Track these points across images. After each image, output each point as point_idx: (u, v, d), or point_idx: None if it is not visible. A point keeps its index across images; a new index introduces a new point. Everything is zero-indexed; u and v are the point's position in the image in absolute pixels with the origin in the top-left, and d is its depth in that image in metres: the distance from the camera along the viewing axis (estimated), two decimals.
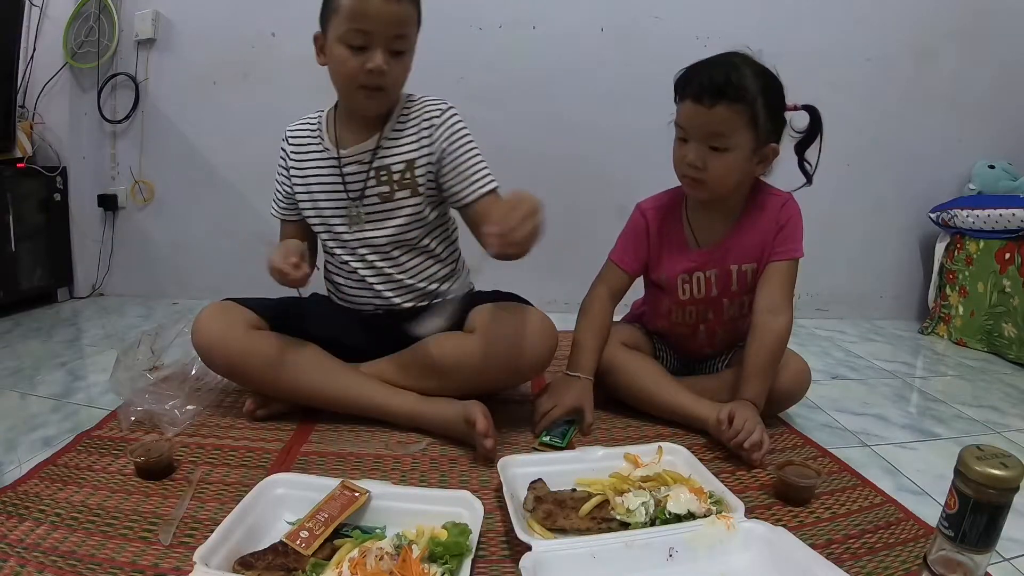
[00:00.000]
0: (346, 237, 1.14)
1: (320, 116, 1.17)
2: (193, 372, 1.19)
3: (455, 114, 1.12)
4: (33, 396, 1.26)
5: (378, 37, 0.98)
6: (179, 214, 2.20)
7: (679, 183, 1.18)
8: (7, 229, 1.89)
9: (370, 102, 1.06)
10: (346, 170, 1.11)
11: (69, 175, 2.13)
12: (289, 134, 1.18)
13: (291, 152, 1.17)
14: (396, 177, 1.10)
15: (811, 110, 1.10)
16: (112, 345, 1.63)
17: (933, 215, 2.08)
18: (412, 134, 1.10)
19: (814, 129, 1.11)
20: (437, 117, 1.10)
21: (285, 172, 1.18)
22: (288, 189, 1.18)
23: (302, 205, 1.17)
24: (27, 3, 1.95)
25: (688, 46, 2.05)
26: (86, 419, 1.13)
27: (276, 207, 1.22)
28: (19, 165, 1.94)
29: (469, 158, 1.09)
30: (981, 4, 2.07)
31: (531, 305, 1.14)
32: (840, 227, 2.09)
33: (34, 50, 2.04)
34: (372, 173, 1.10)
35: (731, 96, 1.00)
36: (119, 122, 2.14)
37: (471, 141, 1.11)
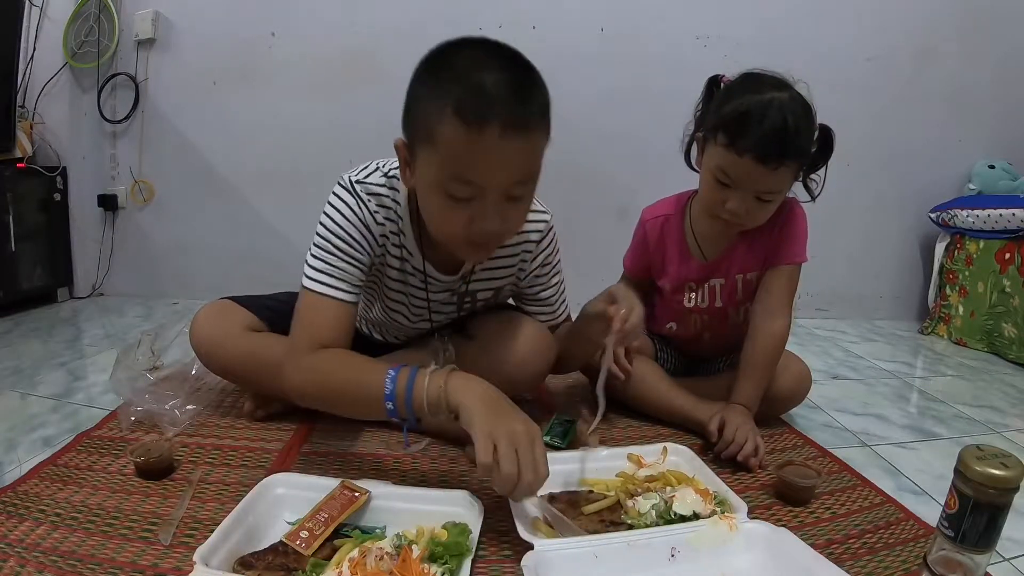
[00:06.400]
0: (410, 327, 1.09)
1: (398, 207, 0.91)
2: (193, 372, 1.18)
3: (553, 235, 1.03)
4: (33, 396, 1.26)
5: (492, 188, 0.74)
6: (179, 214, 2.21)
7: (682, 188, 1.18)
8: (7, 229, 1.89)
9: (478, 254, 0.88)
10: (432, 296, 1.01)
11: (69, 175, 2.13)
12: (373, 208, 0.89)
13: (378, 234, 0.91)
14: (479, 299, 1.06)
15: (824, 130, 1.02)
16: (112, 345, 1.63)
17: (933, 215, 2.08)
18: (508, 260, 1.01)
19: (826, 151, 1.03)
20: (537, 243, 1.01)
21: (367, 245, 0.90)
22: (368, 263, 0.91)
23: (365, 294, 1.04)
24: (27, 3, 1.95)
25: (688, 46, 2.07)
26: (86, 419, 1.13)
27: (342, 284, 0.87)
28: (19, 165, 1.94)
29: (552, 286, 1.08)
30: (981, 4, 2.07)
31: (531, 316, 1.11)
32: (840, 227, 2.08)
33: (34, 50, 2.04)
34: (456, 299, 1.04)
35: (792, 156, 0.96)
36: (119, 122, 2.14)
37: (558, 267, 1.08)
